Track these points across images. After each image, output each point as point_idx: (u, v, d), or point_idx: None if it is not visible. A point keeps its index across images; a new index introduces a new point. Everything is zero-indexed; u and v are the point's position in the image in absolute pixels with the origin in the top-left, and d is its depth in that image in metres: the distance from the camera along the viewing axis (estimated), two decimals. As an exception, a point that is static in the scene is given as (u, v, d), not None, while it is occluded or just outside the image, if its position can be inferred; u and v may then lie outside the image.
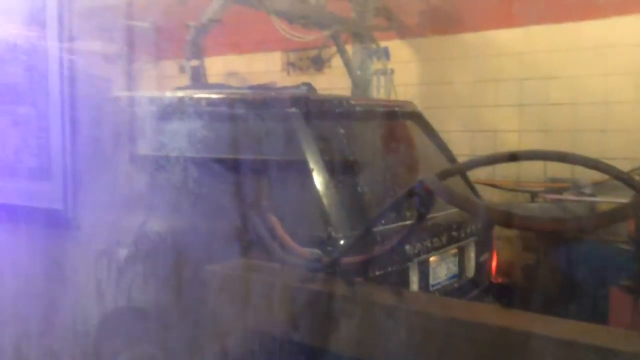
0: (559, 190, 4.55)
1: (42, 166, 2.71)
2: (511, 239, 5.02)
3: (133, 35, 7.19)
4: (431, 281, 3.11)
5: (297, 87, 3.65)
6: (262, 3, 4.24)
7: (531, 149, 4.89)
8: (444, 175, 1.67)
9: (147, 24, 7.60)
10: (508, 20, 5.46)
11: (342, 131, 3.12)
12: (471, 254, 3.52)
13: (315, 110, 3.01)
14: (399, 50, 5.92)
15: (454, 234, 3.32)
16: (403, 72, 5.83)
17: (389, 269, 2.67)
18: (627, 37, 4.94)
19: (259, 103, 3.11)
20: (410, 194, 1.57)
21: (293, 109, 2.93)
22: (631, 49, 4.93)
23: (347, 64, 5.65)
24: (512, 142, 5.55)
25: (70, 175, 2.69)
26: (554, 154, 2.13)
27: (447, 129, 5.85)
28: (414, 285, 2.91)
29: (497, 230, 5.00)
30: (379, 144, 3.49)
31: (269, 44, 6.50)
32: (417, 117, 3.98)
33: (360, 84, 5.60)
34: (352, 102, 3.43)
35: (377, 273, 2.49)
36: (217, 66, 7.32)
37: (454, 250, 3.35)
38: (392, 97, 5.56)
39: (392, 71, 5.50)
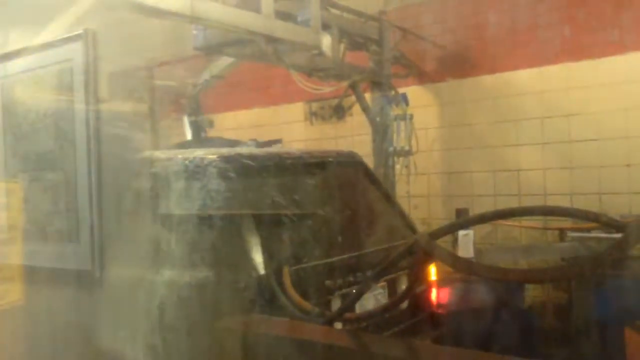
0: (587, 229, 4.49)
1: (71, 229, 2.84)
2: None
3: (159, 94, 7.51)
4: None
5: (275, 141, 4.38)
6: (281, 59, 4.40)
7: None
8: (436, 234, 1.70)
9: (173, 83, 7.94)
10: (525, 61, 5.53)
11: (273, 184, 3.46)
12: (402, 287, 3.69)
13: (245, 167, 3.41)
14: (418, 95, 6.02)
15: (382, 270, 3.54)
16: (423, 116, 5.91)
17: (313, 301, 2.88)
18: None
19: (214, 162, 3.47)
20: (406, 252, 1.62)
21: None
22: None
23: (366, 111, 5.76)
24: (536, 180, 5.53)
25: (97, 237, 2.81)
26: (540, 209, 2.15)
27: (469, 170, 5.89)
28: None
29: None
30: (316, 195, 3.73)
31: (292, 95, 6.69)
32: (359, 166, 4.26)
33: (380, 130, 5.70)
34: (286, 156, 3.72)
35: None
36: (244, 118, 7.55)
37: (382, 284, 3.56)
38: (413, 141, 5.61)
39: (412, 116, 5.58)
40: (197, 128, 5.64)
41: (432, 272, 4.07)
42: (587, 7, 5.21)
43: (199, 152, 3.68)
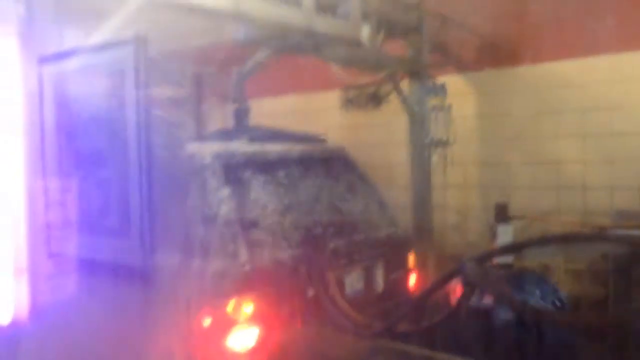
0: (628, 227, 4.44)
1: (123, 224, 2.96)
2: (579, 273, 4.93)
3: (199, 79, 7.61)
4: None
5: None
6: (320, 52, 4.43)
7: (574, 231, 4.83)
8: (481, 259, 1.73)
9: (212, 69, 8.01)
10: (567, 52, 5.43)
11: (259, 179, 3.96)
12: (378, 272, 4.20)
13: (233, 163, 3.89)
14: (457, 84, 5.96)
15: (356, 256, 4.04)
16: (461, 105, 5.85)
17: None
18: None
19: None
20: (455, 273, 1.67)
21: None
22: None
23: (404, 101, 5.75)
24: (576, 173, 5.47)
25: (147, 232, 2.92)
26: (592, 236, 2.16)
27: (507, 161, 5.85)
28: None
29: (566, 264, 4.93)
30: (305, 186, 4.25)
31: (328, 82, 6.69)
32: (344, 159, 4.85)
33: (417, 120, 5.68)
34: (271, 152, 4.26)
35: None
36: (279, 105, 7.61)
37: (359, 270, 4.05)
38: (451, 132, 5.59)
39: (450, 106, 5.55)
40: (240, 116, 5.70)
41: None
42: (633, -4, 5.08)
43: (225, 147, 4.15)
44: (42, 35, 2.73)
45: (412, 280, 4.63)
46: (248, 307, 3.39)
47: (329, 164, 4.67)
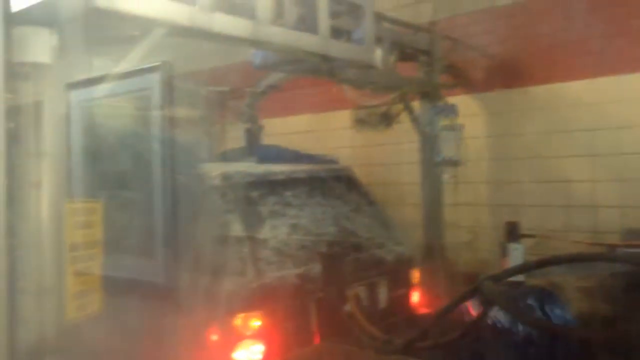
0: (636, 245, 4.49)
1: (146, 244, 3.06)
2: (590, 290, 4.97)
3: (213, 99, 7.73)
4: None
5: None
6: (335, 75, 4.55)
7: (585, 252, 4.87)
8: (498, 277, 1.82)
9: (226, 88, 8.15)
10: (575, 72, 5.53)
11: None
12: (381, 290, 4.34)
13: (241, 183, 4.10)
14: (467, 105, 6.06)
15: (361, 274, 4.20)
16: (472, 125, 5.96)
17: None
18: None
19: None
20: (473, 291, 1.75)
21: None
22: None
23: (415, 121, 5.86)
24: (586, 192, 5.53)
25: (171, 252, 3.02)
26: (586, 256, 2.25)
27: (517, 180, 5.92)
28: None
29: (576, 281, 4.97)
30: (312, 205, 4.44)
31: (341, 102, 6.81)
32: (350, 179, 5.03)
33: (428, 140, 5.79)
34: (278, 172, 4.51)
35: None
36: (293, 124, 7.73)
37: (363, 287, 4.17)
38: (462, 151, 5.69)
39: (461, 127, 5.65)
40: (252, 136, 5.84)
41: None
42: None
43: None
44: (72, 63, 2.86)
45: (416, 297, 4.76)
46: (255, 323, 3.51)
47: (335, 183, 4.86)
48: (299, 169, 4.69)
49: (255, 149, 5.66)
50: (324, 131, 7.35)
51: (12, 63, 2.63)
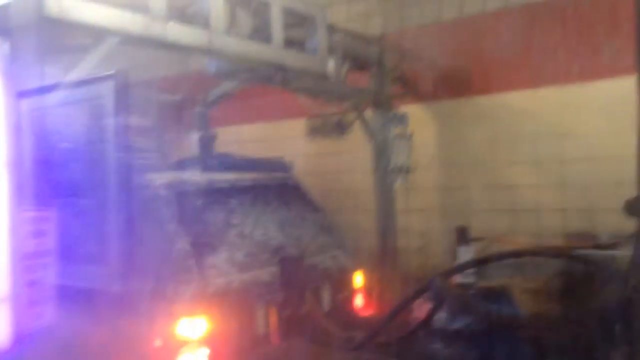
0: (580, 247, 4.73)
1: (100, 251, 3.06)
2: (536, 291, 5.19)
3: (164, 108, 7.69)
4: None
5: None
6: (289, 84, 4.63)
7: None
8: (447, 275, 1.93)
9: (177, 97, 8.12)
10: (518, 83, 5.78)
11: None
12: (325, 294, 4.45)
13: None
14: (417, 114, 6.24)
15: (306, 278, 4.28)
16: (421, 133, 6.14)
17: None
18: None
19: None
20: (425, 288, 1.85)
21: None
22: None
23: (367, 129, 6.00)
24: (529, 197, 5.78)
25: (125, 258, 3.03)
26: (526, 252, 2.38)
27: (466, 185, 6.13)
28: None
29: (523, 283, 5.18)
30: (256, 212, 4.54)
31: (294, 110, 6.90)
32: (294, 186, 5.18)
33: (380, 147, 5.93)
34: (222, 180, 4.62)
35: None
36: (247, 132, 7.77)
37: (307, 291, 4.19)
38: (413, 159, 5.86)
39: (411, 135, 5.81)
40: (205, 144, 5.86)
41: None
42: (579, 32, 5.47)
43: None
44: (24, 71, 2.84)
45: (359, 300, 4.91)
46: (200, 327, 3.56)
47: (280, 191, 5.00)
48: (244, 177, 4.79)
49: (209, 157, 5.67)
50: (279, 139, 7.42)
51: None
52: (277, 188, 4.98)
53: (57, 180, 3.13)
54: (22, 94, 3.05)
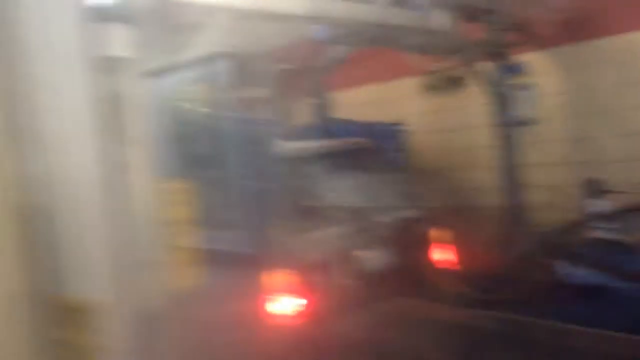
0: None
1: (234, 217, 3.30)
2: None
3: (280, 77, 7.92)
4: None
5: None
6: (397, 43, 4.59)
7: None
8: (566, 229, 1.83)
9: (292, 66, 8.31)
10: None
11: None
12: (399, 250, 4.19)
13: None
14: (537, 62, 5.90)
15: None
16: (543, 82, 5.80)
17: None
18: None
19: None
20: (542, 244, 1.79)
21: None
22: None
23: (484, 82, 5.78)
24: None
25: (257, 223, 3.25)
26: None
27: (595, 135, 5.74)
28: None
29: None
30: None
31: (406, 69, 6.79)
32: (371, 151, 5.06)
33: (499, 101, 5.70)
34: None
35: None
36: (362, 96, 7.80)
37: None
38: (536, 109, 5.57)
39: (534, 85, 5.52)
40: (321, 110, 6.00)
41: None
42: None
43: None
44: (149, 54, 3.08)
45: (437, 254, 4.69)
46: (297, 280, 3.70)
47: (361, 156, 4.96)
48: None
49: (325, 123, 5.80)
50: (393, 100, 7.37)
51: (98, 58, 2.88)
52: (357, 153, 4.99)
53: (191, 154, 3.39)
54: (149, 76, 3.32)
